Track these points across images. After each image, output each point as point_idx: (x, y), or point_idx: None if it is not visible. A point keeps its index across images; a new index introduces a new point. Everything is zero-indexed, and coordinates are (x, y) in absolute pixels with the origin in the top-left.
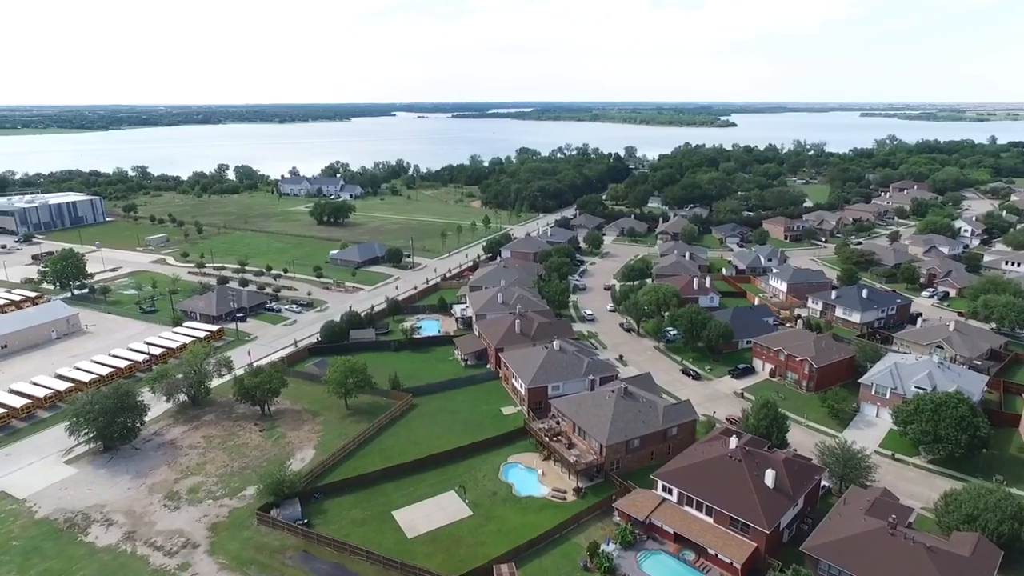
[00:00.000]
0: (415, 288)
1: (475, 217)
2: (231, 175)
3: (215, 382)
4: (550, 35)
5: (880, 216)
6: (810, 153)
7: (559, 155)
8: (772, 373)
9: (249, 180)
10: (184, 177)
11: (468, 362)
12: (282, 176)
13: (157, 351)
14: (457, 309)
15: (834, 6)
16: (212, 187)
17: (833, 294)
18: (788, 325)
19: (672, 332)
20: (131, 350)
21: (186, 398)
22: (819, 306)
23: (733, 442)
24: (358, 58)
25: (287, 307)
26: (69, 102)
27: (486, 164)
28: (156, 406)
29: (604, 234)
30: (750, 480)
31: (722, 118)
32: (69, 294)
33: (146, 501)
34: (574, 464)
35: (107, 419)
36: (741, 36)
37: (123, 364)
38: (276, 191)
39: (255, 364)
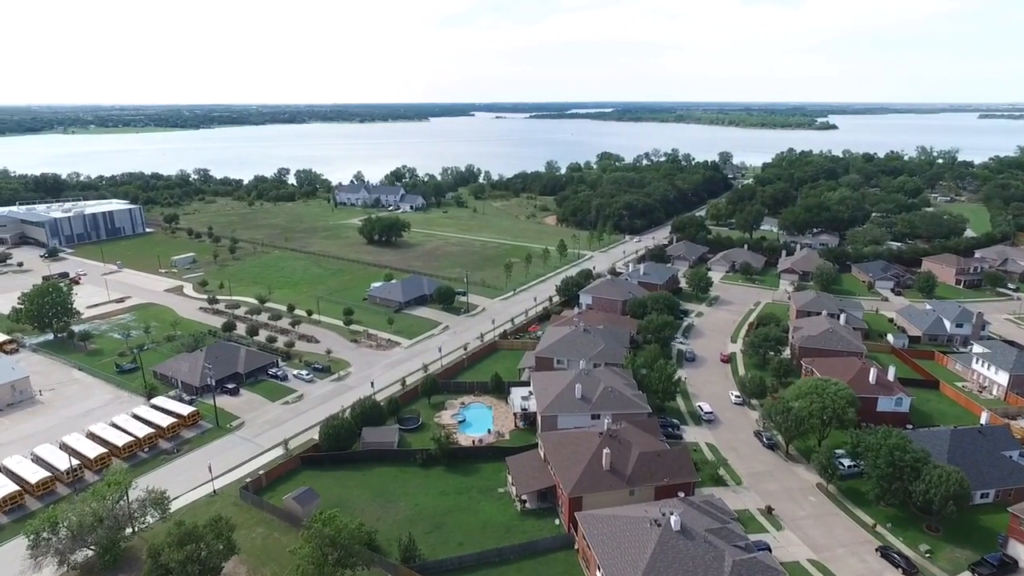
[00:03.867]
0: (464, 348)
1: (549, 238)
2: (291, 179)
3: (148, 518)
4: (633, 34)
5: None
6: (939, 161)
7: (645, 162)
8: None
9: (309, 185)
10: (246, 180)
11: (527, 504)
12: (339, 183)
13: (94, 452)
14: (517, 397)
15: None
16: (268, 193)
17: None
18: None
19: (848, 463)
20: (63, 447)
21: (93, 552)
22: None
23: None
24: (440, 58)
25: (296, 372)
26: (172, 102)
27: (563, 171)
28: (44, 571)
29: (709, 269)
30: None
31: (819, 120)
32: (51, 336)
33: None
34: None
35: None
36: (838, 33)
37: (37, 477)
38: (332, 200)
39: (213, 487)
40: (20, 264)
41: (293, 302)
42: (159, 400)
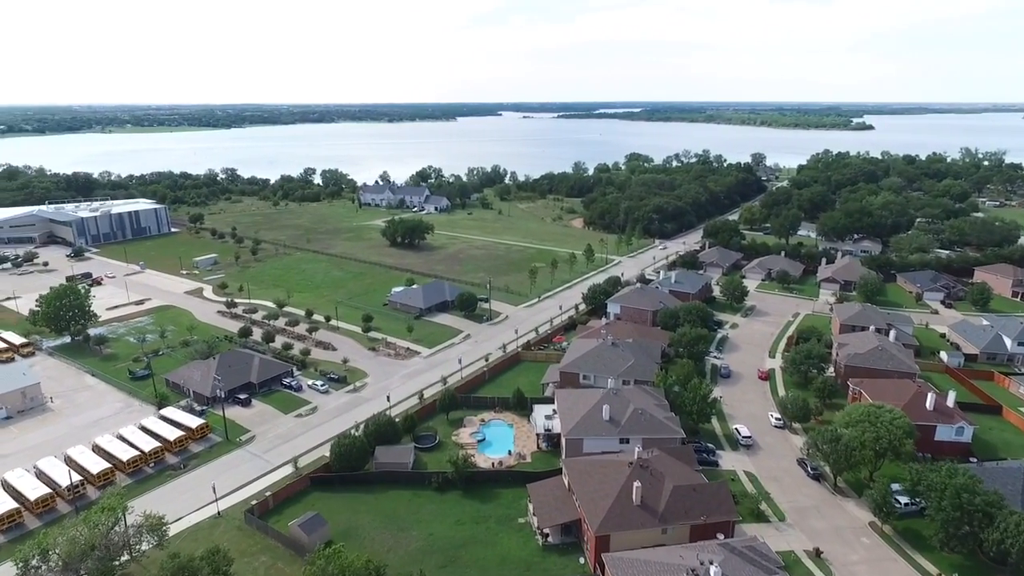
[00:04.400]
0: (486, 360)
1: (575, 242)
2: (317, 179)
3: (143, 545)
4: (663, 33)
5: None
6: (985, 164)
7: (675, 163)
8: None
9: (334, 185)
10: (272, 180)
11: (549, 538)
12: (363, 184)
13: (97, 467)
14: (540, 416)
15: None
16: (294, 193)
17: None
18: None
19: (904, 501)
20: (67, 460)
21: None
22: None
23: None
24: (468, 58)
25: (311, 383)
26: (206, 101)
27: (590, 172)
28: None
29: (744, 276)
30: None
31: (855, 120)
32: (68, 339)
33: None
34: None
35: None
36: (873, 32)
37: (36, 493)
38: (357, 201)
39: (218, 509)
40: (45, 264)
41: (312, 307)
42: (168, 411)
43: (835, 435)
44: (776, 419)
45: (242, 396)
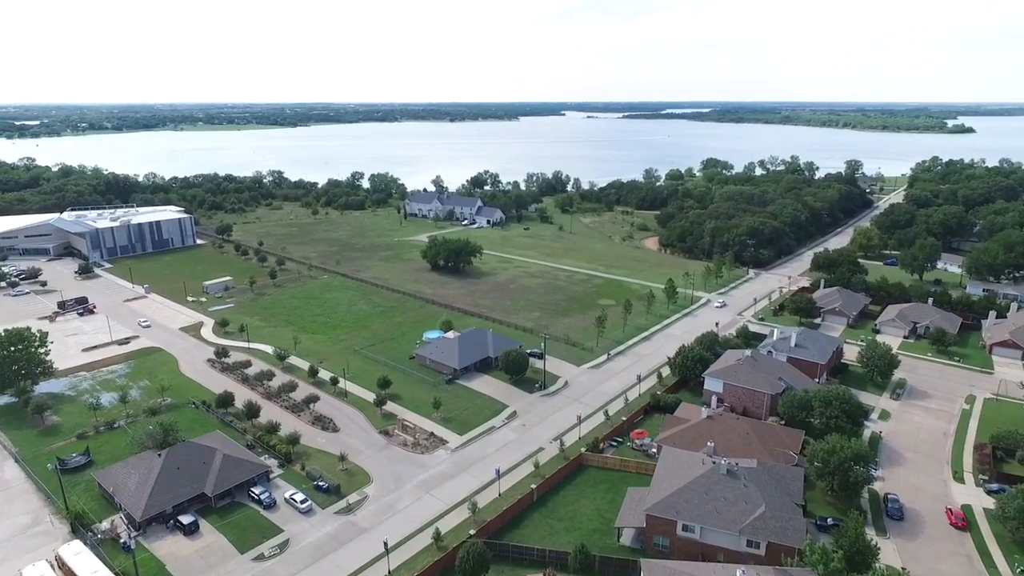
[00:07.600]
0: (535, 466)
1: (650, 269)
2: (366, 183)
3: None
4: (734, 32)
5: None
6: None
7: (759, 170)
8: None
9: (381, 191)
10: (320, 183)
11: None
12: (412, 192)
13: None
14: None
15: None
16: (338, 200)
17: None
18: None
19: None
20: None
21: None
22: None
23: None
24: (533, 57)
25: (289, 495)
26: (279, 100)
27: (662, 181)
28: None
29: (877, 331)
30: None
31: (949, 122)
32: (15, 397)
33: None
34: None
35: None
36: (966, 25)
37: None
38: (402, 211)
39: None
40: (44, 284)
41: (322, 357)
42: (70, 550)
43: None
44: None
45: (186, 520)
